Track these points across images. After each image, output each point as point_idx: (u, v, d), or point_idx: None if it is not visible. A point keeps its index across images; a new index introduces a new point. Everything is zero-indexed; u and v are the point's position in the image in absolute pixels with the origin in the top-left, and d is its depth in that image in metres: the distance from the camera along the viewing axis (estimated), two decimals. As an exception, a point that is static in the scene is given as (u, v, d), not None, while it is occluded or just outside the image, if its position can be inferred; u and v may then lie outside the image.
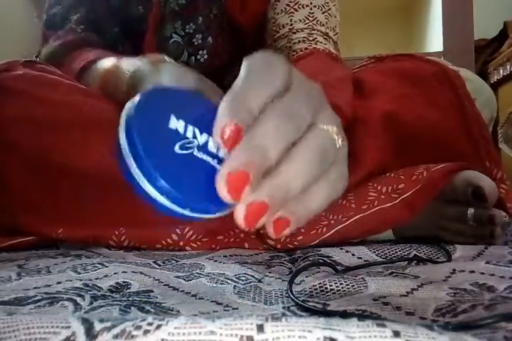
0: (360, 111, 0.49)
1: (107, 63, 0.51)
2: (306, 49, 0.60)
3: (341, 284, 0.28)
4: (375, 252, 0.38)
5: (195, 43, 0.64)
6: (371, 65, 0.58)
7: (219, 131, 0.20)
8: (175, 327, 0.16)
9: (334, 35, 0.64)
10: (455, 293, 0.25)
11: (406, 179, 0.44)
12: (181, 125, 0.21)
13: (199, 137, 0.21)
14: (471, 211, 0.41)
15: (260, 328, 0.15)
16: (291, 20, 0.63)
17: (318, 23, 0.63)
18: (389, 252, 0.38)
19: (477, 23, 1.42)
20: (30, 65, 0.53)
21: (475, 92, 0.52)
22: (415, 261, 0.36)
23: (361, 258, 0.37)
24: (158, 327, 0.16)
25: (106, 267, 0.34)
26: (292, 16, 0.63)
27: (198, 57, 0.65)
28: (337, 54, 0.62)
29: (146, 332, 0.15)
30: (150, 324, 0.16)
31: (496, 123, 1.23)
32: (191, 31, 0.64)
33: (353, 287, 0.27)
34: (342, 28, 0.66)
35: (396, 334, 0.15)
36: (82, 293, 0.27)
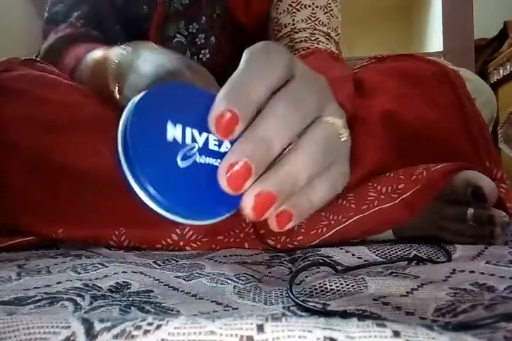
0: (360, 110, 0.49)
1: (97, 54, 0.51)
2: (308, 48, 0.60)
3: (341, 284, 0.28)
4: (375, 252, 0.38)
5: (197, 43, 0.64)
6: (371, 65, 0.58)
7: (214, 120, 0.19)
8: (175, 327, 0.16)
9: (336, 35, 0.65)
10: (455, 293, 0.25)
11: (406, 179, 0.44)
12: (179, 132, 0.20)
13: (198, 138, 0.20)
14: (471, 211, 0.40)
15: (260, 328, 0.15)
16: (293, 20, 0.63)
17: (320, 24, 0.63)
18: (389, 252, 0.38)
19: (477, 23, 1.42)
20: (30, 64, 0.53)
21: (475, 92, 0.52)
22: (415, 261, 0.36)
23: (361, 258, 0.37)
24: (158, 327, 0.16)
25: (106, 267, 0.34)
26: (294, 16, 0.63)
27: (200, 56, 0.65)
28: (338, 54, 0.63)
29: (146, 332, 0.15)
30: (150, 324, 0.16)
31: (496, 123, 1.23)
32: (194, 31, 0.64)
33: (353, 287, 0.27)
34: (342, 28, 0.66)
35: (396, 334, 0.15)
36: (82, 293, 0.27)
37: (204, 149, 0.20)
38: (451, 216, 0.42)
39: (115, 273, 0.32)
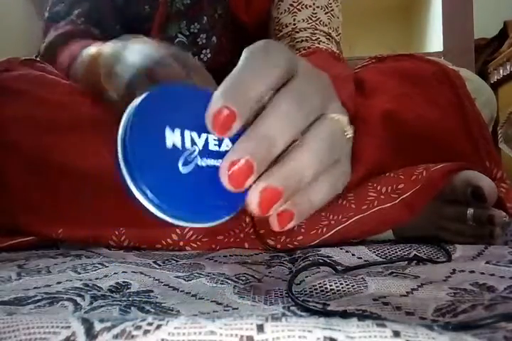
0: (360, 110, 0.49)
1: (92, 50, 0.50)
2: (309, 48, 0.60)
3: (341, 284, 0.28)
4: (375, 252, 0.38)
5: (199, 43, 0.64)
6: (372, 65, 0.58)
7: (211, 117, 0.19)
8: (175, 327, 0.16)
9: (337, 35, 0.65)
10: (455, 293, 0.25)
11: (405, 179, 0.44)
12: (178, 137, 0.19)
13: (198, 141, 0.20)
14: (471, 211, 0.40)
15: (260, 328, 0.15)
16: (294, 19, 0.63)
17: (321, 24, 0.63)
18: (389, 252, 0.38)
19: (477, 23, 1.42)
20: (29, 64, 0.53)
21: (475, 92, 0.52)
22: (415, 261, 0.35)
23: (361, 258, 0.37)
24: (158, 327, 0.16)
25: (106, 267, 0.34)
26: (295, 16, 0.63)
27: (202, 56, 0.65)
28: (339, 54, 0.63)
29: (146, 332, 0.15)
30: (150, 324, 0.16)
31: (496, 123, 1.22)
32: (196, 31, 0.64)
33: (353, 287, 0.27)
34: (343, 28, 0.66)
35: (396, 334, 0.15)
36: (82, 293, 0.27)
37: (204, 151, 0.20)
38: (451, 216, 0.42)
39: (115, 273, 0.32)
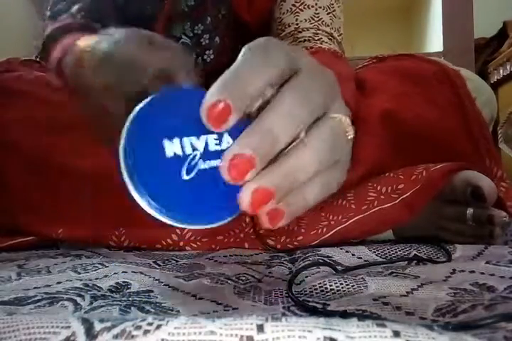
0: (360, 109, 0.49)
1: (84, 42, 0.50)
2: (312, 48, 0.60)
3: (341, 284, 0.28)
4: (375, 252, 0.38)
5: (202, 43, 0.64)
6: (372, 65, 0.58)
7: (206, 110, 0.19)
8: (175, 327, 0.16)
9: (338, 35, 0.65)
10: (455, 293, 0.25)
11: (405, 179, 0.44)
12: (177, 146, 0.19)
13: (198, 144, 0.20)
14: (471, 211, 0.40)
15: (260, 328, 0.15)
16: (296, 19, 0.63)
17: (323, 24, 0.63)
18: (389, 252, 0.38)
19: (477, 23, 1.42)
20: (30, 64, 0.53)
21: (475, 92, 0.52)
22: (415, 261, 0.35)
23: (361, 258, 0.37)
24: (158, 327, 0.16)
25: (106, 267, 0.34)
26: (298, 16, 0.63)
27: (205, 57, 0.65)
28: (341, 53, 0.63)
29: (146, 332, 0.15)
30: (150, 324, 0.16)
31: (496, 123, 1.22)
32: (199, 32, 0.64)
33: (353, 287, 0.27)
34: (344, 29, 0.66)
35: (396, 334, 0.15)
36: (82, 293, 0.27)
37: (205, 153, 0.20)
38: (450, 216, 0.42)
39: (115, 273, 0.32)
